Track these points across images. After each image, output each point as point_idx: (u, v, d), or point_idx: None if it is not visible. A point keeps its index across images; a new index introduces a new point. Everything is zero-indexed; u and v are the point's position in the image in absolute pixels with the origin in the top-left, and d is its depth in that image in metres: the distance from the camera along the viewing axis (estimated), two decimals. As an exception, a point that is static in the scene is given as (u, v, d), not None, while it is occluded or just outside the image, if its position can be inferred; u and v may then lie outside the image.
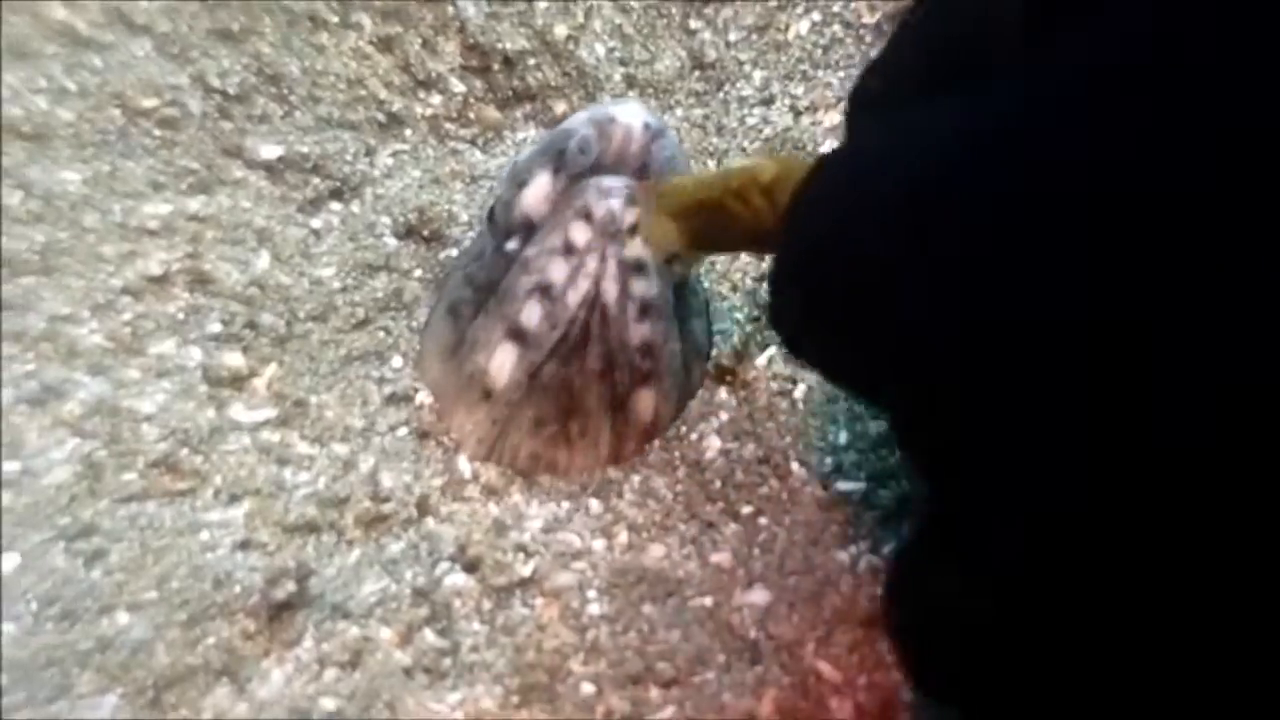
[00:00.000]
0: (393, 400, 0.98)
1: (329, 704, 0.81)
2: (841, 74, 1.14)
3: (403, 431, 0.96)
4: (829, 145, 1.11)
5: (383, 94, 1.09)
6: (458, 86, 1.11)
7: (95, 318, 0.95)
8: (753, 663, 0.86)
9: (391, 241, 1.06)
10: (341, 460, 0.93)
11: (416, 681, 0.84)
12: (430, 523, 0.91)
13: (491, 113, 1.12)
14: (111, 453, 0.90)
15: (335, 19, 1.08)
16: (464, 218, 1.07)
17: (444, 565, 0.88)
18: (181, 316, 0.98)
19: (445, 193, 1.08)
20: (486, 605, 0.87)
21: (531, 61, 1.11)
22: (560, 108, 1.12)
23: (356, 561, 0.88)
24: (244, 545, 0.89)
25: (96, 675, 0.80)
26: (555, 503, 0.93)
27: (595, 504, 0.93)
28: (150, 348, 0.97)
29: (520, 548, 0.90)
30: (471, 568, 0.89)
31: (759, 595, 0.88)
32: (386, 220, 1.07)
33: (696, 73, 1.15)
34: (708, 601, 0.88)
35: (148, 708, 0.78)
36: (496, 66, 1.11)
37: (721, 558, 0.90)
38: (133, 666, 0.80)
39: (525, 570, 0.89)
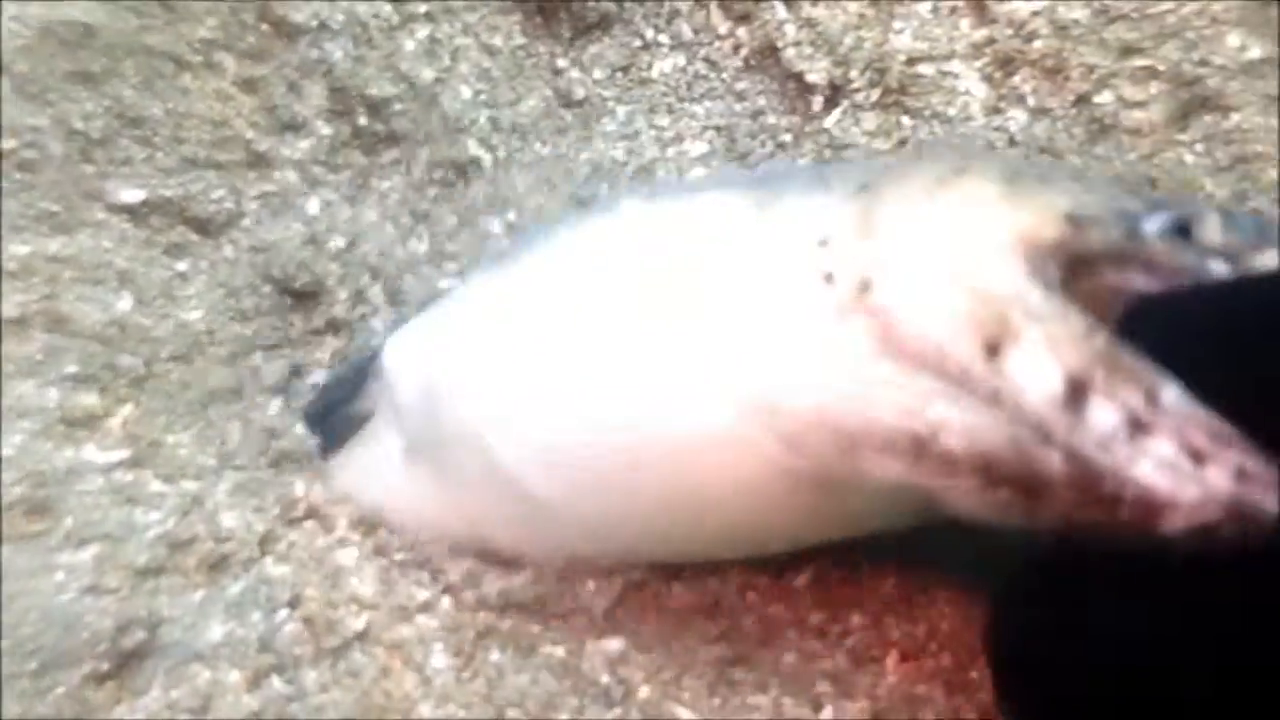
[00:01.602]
0: (249, 438, 0.98)
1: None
2: (707, 104, 1.16)
3: (261, 463, 0.97)
4: (696, 172, 1.14)
5: (249, 134, 1.10)
6: (324, 130, 1.12)
7: (-49, 362, 0.94)
8: (609, 706, 0.87)
9: (260, 286, 1.07)
10: (190, 496, 0.93)
11: (266, 728, 0.84)
12: (269, 564, 0.91)
13: (359, 158, 1.12)
14: (-32, 497, 0.89)
15: (198, 59, 1.09)
16: (334, 268, 1.07)
17: (282, 613, 0.89)
18: (40, 358, 0.98)
19: (314, 238, 1.09)
20: (325, 657, 0.88)
21: (398, 107, 1.12)
22: (425, 154, 1.13)
23: (200, 603, 0.88)
24: (93, 590, 0.88)
25: (-59, 728, 0.79)
26: (389, 555, 0.94)
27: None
28: (8, 390, 0.96)
29: (354, 599, 0.90)
30: (308, 620, 0.89)
31: (614, 642, 0.90)
32: (253, 264, 1.07)
33: (563, 111, 1.16)
34: (560, 651, 0.89)
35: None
36: (362, 111, 1.12)
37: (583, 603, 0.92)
38: (-20, 719, 0.80)
39: (359, 624, 0.89)
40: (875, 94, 1.13)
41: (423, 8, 1.15)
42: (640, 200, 0.87)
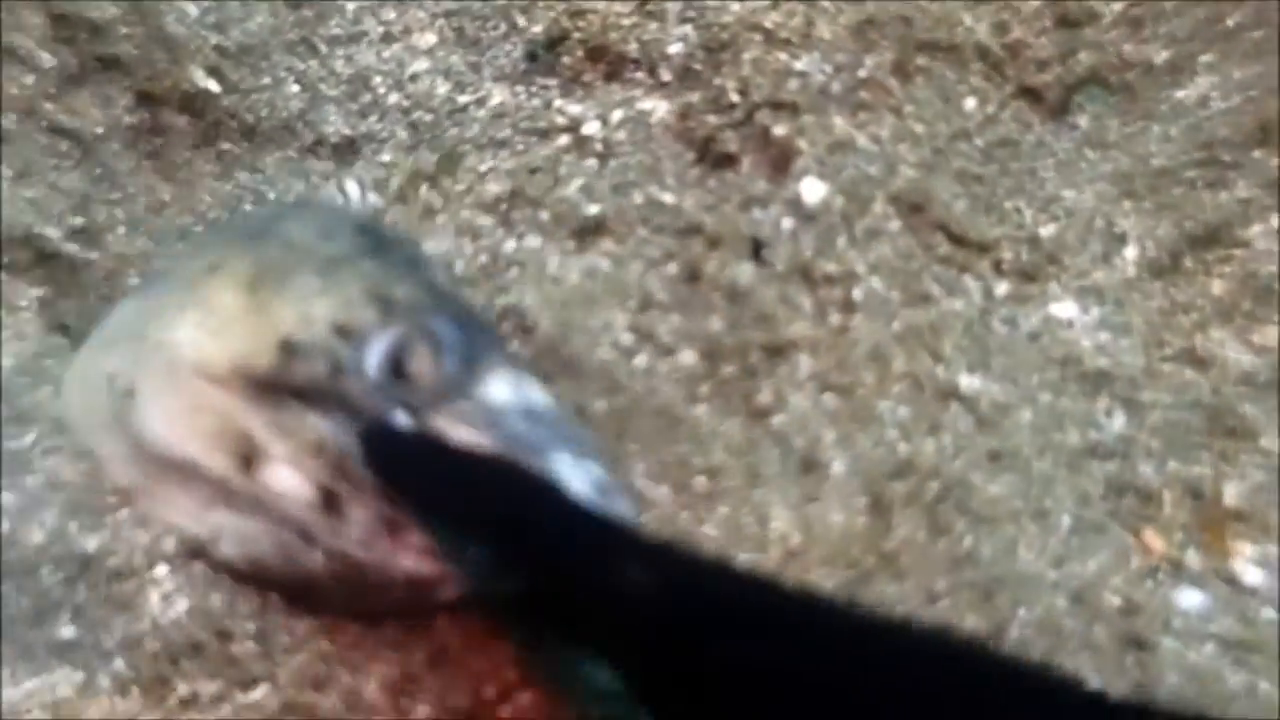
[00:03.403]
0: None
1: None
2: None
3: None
4: (418, 66, 1.08)
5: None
6: (49, 61, 1.08)
7: None
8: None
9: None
10: None
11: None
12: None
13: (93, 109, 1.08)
14: None
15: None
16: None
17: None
18: None
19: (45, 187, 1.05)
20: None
21: (123, 30, 1.08)
22: (161, 85, 1.08)
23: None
24: None
25: None
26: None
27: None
28: None
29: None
30: None
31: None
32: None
33: (292, 17, 1.11)
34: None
35: None
36: (85, 36, 1.08)
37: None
38: None
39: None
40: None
41: (140, -83, 1.09)
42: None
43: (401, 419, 0.74)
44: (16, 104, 1.06)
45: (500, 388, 0.78)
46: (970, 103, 1.01)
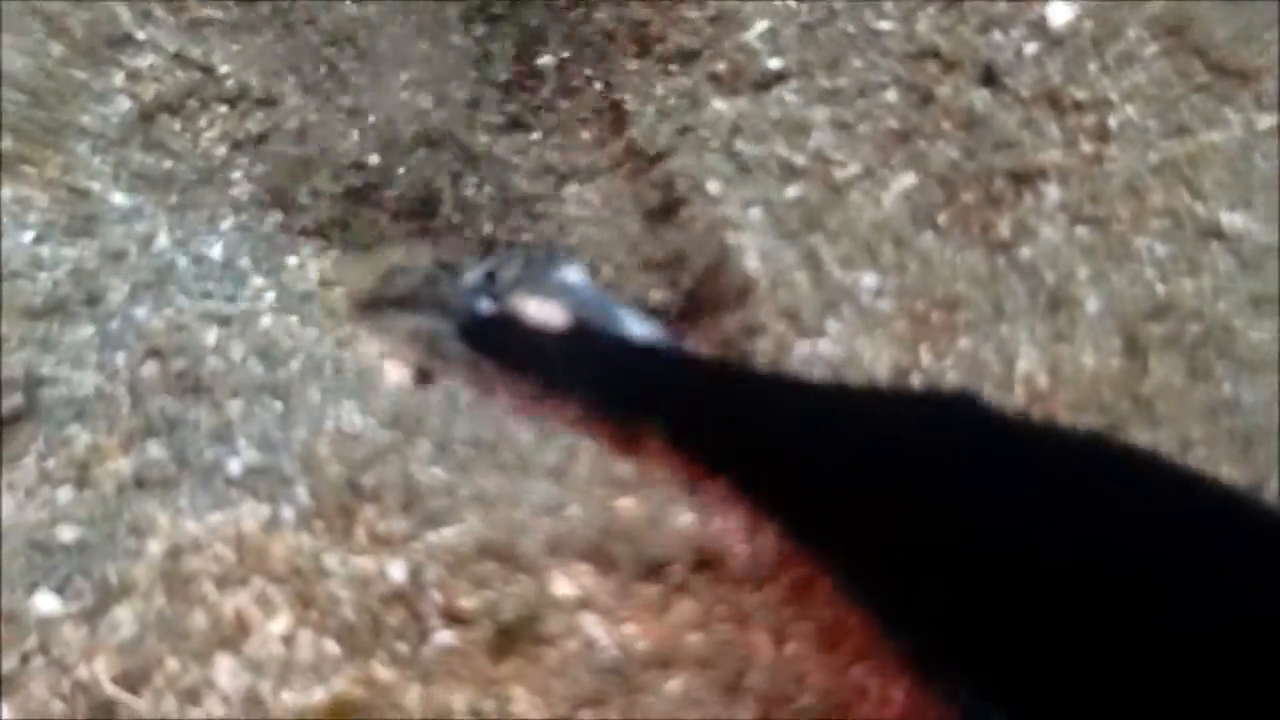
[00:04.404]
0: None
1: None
2: None
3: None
4: None
5: None
6: None
7: None
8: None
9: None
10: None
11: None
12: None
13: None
14: None
15: None
16: None
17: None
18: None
19: None
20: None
21: None
22: None
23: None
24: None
25: None
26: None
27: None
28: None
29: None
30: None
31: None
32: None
33: None
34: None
35: None
36: None
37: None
38: None
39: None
40: None
41: None
42: None
43: (486, 305, 0.88)
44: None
45: (572, 273, 0.90)
46: (1234, -79, 0.93)
